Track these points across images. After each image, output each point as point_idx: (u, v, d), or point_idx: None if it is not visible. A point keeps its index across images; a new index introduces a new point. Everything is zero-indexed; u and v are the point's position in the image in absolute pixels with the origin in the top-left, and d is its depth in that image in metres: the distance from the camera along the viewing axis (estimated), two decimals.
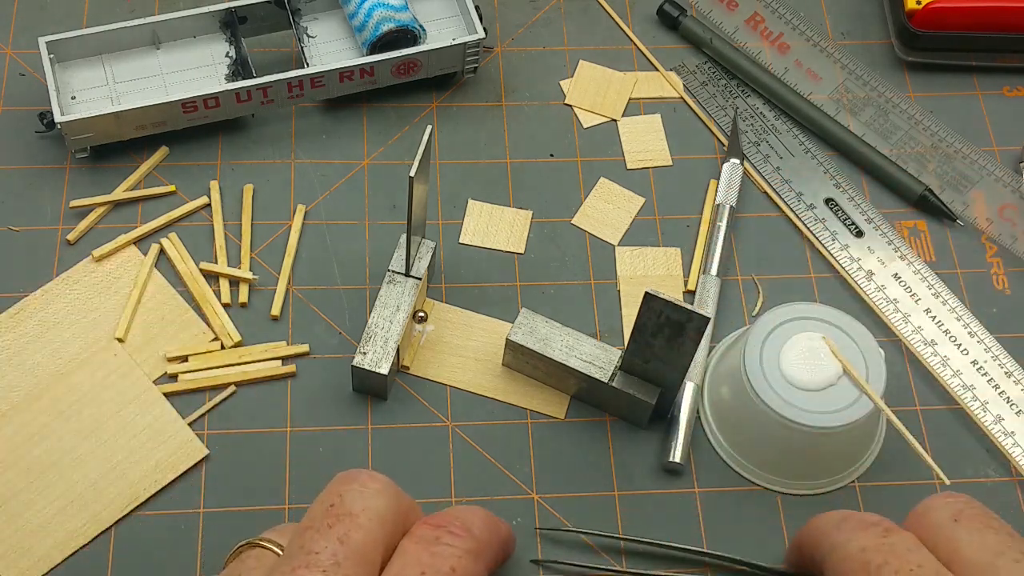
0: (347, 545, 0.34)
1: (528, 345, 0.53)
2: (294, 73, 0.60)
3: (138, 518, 0.52)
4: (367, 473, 0.38)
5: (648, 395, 0.53)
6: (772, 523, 0.53)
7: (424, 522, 0.39)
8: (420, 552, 0.36)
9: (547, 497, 0.53)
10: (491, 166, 0.62)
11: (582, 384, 0.54)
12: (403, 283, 0.55)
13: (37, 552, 0.50)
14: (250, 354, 0.56)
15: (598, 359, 0.54)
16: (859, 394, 0.50)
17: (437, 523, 0.38)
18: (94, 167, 0.60)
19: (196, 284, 0.57)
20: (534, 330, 0.54)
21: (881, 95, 0.65)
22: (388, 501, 0.38)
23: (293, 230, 0.59)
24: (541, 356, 0.54)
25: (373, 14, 0.61)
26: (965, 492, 0.55)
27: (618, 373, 0.53)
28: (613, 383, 0.53)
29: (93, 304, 0.56)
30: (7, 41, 0.64)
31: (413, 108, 0.64)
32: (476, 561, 0.37)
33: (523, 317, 0.54)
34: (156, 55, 0.62)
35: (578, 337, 0.54)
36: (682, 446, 0.54)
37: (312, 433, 0.54)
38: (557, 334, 0.54)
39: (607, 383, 0.53)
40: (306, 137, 0.62)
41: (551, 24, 0.68)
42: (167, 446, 0.53)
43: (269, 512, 0.52)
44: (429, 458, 0.54)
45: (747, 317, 0.59)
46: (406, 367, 0.56)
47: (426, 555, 0.36)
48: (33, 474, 0.52)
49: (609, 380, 0.53)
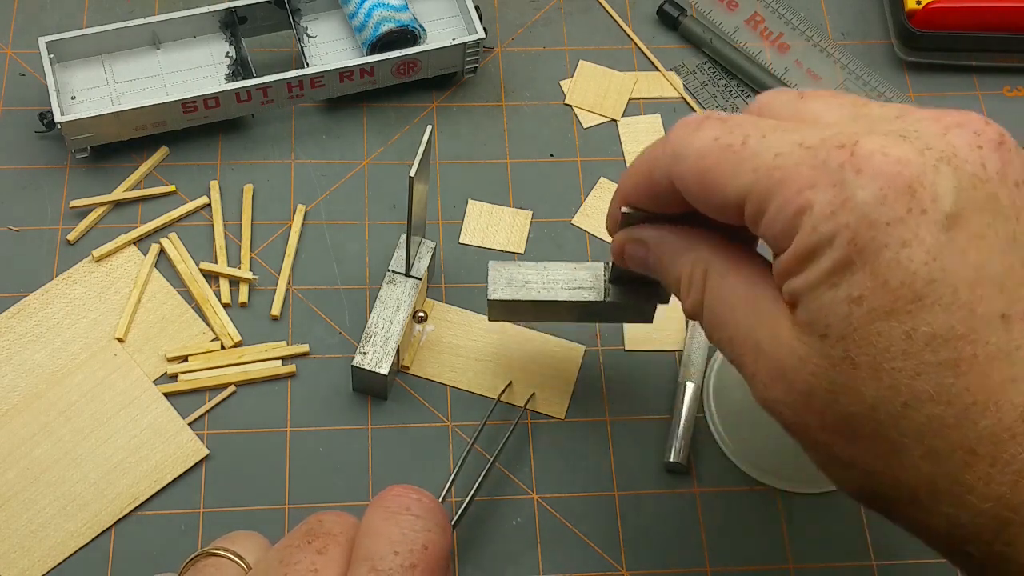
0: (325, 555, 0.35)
1: (511, 297, 0.51)
2: (294, 73, 0.60)
3: (138, 518, 0.52)
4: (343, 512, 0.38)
5: (648, 298, 0.51)
6: (772, 523, 0.53)
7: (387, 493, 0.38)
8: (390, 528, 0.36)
9: (547, 497, 0.53)
10: (491, 166, 0.62)
11: (578, 311, 0.52)
12: (403, 283, 0.55)
13: (37, 552, 0.50)
14: (250, 354, 0.56)
15: (585, 281, 0.51)
16: None
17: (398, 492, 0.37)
18: (94, 167, 0.60)
19: (196, 284, 0.57)
20: (511, 279, 0.51)
21: (881, 95, 0.65)
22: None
23: (293, 230, 0.59)
24: (527, 303, 0.51)
25: (373, 14, 0.61)
26: None
27: (610, 287, 0.51)
28: (608, 298, 0.51)
29: (93, 304, 0.56)
30: (7, 41, 0.64)
31: (413, 108, 0.64)
32: (445, 535, 0.37)
33: (494, 271, 0.51)
34: (156, 55, 0.62)
35: (556, 268, 0.52)
36: (682, 446, 0.54)
37: (312, 433, 0.54)
38: (534, 274, 0.51)
39: (604, 301, 0.51)
40: (306, 137, 0.62)
41: (551, 24, 0.68)
42: (167, 446, 0.53)
43: (269, 512, 0.52)
44: (429, 458, 0.54)
45: None
46: (406, 367, 0.56)
47: (396, 530, 0.35)
48: (33, 474, 0.52)
49: (604, 298, 0.51)
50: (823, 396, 0.35)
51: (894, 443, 0.34)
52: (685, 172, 0.39)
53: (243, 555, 0.36)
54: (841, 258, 0.34)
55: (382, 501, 0.36)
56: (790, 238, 0.35)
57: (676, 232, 0.42)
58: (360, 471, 0.53)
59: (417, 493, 0.36)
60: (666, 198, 0.41)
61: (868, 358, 0.33)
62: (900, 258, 0.33)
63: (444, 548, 0.36)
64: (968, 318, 0.33)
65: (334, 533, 0.35)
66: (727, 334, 0.39)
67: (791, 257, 0.35)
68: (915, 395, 0.33)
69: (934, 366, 0.33)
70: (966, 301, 0.33)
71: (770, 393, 0.37)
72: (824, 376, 0.35)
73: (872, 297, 0.33)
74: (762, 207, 0.36)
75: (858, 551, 0.53)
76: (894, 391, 0.33)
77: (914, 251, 0.33)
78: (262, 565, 0.35)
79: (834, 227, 0.34)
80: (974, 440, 0.33)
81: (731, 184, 0.37)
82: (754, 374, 0.38)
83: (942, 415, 0.33)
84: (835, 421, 0.35)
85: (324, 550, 0.35)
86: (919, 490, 0.34)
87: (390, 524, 0.35)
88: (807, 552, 0.53)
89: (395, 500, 0.36)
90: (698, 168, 0.38)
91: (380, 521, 0.35)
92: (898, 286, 0.33)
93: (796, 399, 0.36)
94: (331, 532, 0.35)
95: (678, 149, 0.39)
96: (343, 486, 0.53)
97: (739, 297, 0.39)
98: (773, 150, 0.36)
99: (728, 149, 0.37)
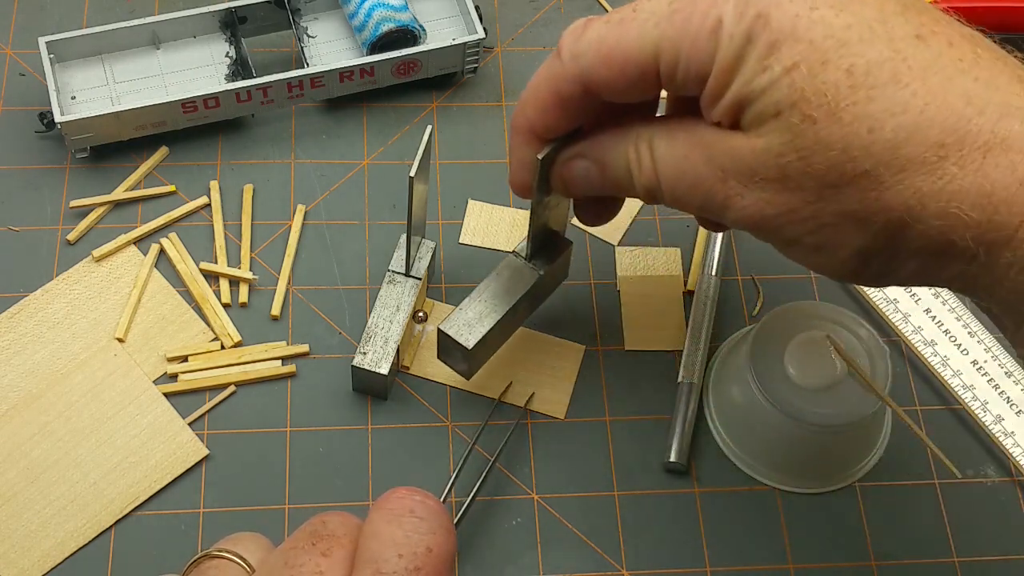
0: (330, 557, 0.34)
1: (482, 335, 0.52)
2: (294, 73, 0.60)
3: (138, 518, 0.52)
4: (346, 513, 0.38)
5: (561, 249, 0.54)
6: (772, 523, 0.53)
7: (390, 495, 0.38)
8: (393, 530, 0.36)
9: (547, 497, 0.53)
10: (491, 166, 0.62)
11: (529, 302, 0.54)
12: (403, 283, 0.55)
13: (37, 552, 0.50)
14: (250, 354, 0.56)
15: (516, 275, 0.53)
16: (865, 391, 0.50)
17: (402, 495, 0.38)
18: (94, 167, 0.60)
19: (196, 284, 0.57)
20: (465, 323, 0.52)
21: None
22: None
23: (293, 230, 0.59)
24: (496, 327, 0.52)
25: (373, 14, 0.61)
26: (965, 492, 0.55)
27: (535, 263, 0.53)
28: (543, 270, 0.53)
29: (93, 304, 0.56)
30: (7, 41, 0.64)
31: (413, 108, 0.64)
32: (449, 537, 0.37)
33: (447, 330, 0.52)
34: (156, 55, 0.62)
35: (484, 286, 0.53)
36: (682, 446, 0.54)
37: (312, 433, 0.54)
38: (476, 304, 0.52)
39: (543, 274, 0.53)
40: (306, 137, 0.62)
41: (551, 24, 0.68)
42: (167, 446, 0.53)
43: (269, 512, 0.52)
44: (429, 458, 0.54)
45: (747, 317, 0.59)
46: (406, 367, 0.56)
47: (400, 533, 0.35)
48: (33, 474, 0.52)
49: (541, 272, 0.53)
50: (797, 168, 0.38)
51: (873, 174, 0.37)
52: (591, 63, 0.42)
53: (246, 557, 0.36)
54: (766, 42, 0.38)
55: (386, 503, 0.36)
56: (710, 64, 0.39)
57: (606, 129, 0.45)
58: (360, 471, 0.53)
59: (421, 495, 0.36)
60: (577, 107, 0.44)
61: (824, 107, 0.37)
62: (814, 18, 0.37)
63: (448, 550, 0.36)
64: (889, 43, 0.37)
65: (338, 535, 0.35)
66: (688, 183, 0.42)
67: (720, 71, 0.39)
68: (874, 116, 0.37)
69: (879, 88, 0.37)
70: (882, 32, 0.37)
71: (748, 200, 0.40)
72: (791, 148, 0.38)
73: (805, 58, 0.37)
74: (676, 52, 0.40)
75: (858, 551, 0.53)
76: (856, 122, 0.37)
77: (823, 10, 0.37)
78: (266, 567, 0.35)
79: (748, 23, 0.38)
80: (938, 134, 0.36)
81: (639, 48, 0.40)
82: (727, 197, 0.41)
83: (903, 123, 0.37)
84: (815, 186, 0.38)
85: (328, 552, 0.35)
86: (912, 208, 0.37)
87: (394, 527, 0.35)
88: (807, 552, 0.53)
89: (399, 502, 0.36)
90: (602, 53, 0.41)
91: (384, 523, 0.35)
92: (822, 39, 0.37)
93: (774, 189, 0.39)
94: (335, 534, 0.35)
95: (576, 49, 0.43)
96: (343, 486, 0.53)
97: (689, 145, 0.42)
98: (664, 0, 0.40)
99: (622, 22, 0.41)
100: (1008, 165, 0.36)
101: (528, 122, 0.45)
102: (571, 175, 0.46)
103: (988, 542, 0.54)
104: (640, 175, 0.44)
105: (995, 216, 0.36)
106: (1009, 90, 0.37)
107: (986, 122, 0.36)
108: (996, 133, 0.36)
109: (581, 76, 0.42)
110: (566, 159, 0.46)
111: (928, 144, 0.36)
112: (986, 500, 0.55)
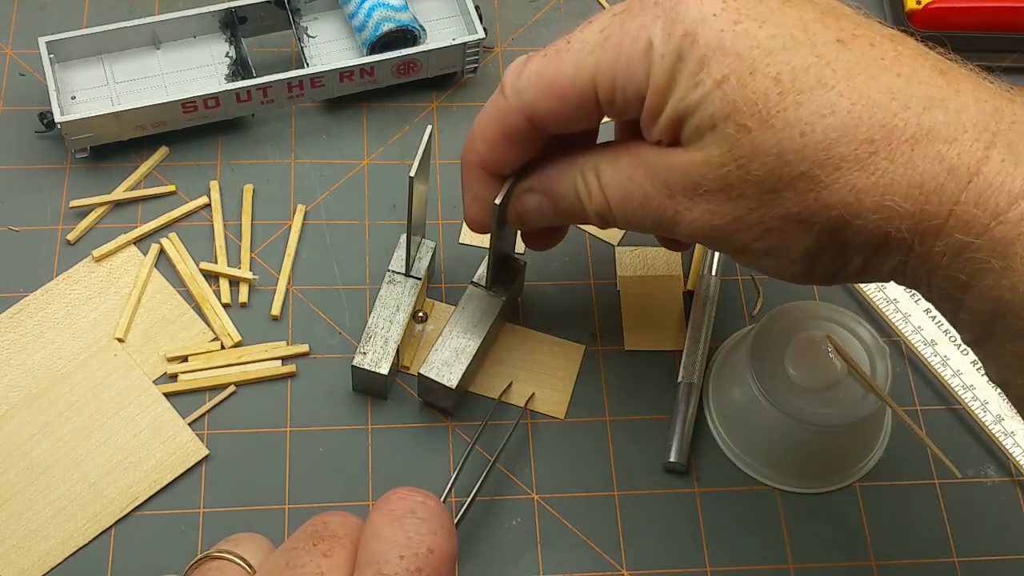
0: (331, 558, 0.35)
1: (462, 372, 0.53)
2: (294, 73, 0.60)
3: (138, 518, 0.52)
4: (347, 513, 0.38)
5: (516, 274, 0.55)
6: (772, 523, 0.53)
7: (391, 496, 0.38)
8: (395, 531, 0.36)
9: (547, 497, 0.53)
10: None
11: (499, 325, 0.55)
12: (403, 283, 0.55)
13: (37, 552, 0.50)
14: (250, 354, 0.56)
15: (482, 305, 0.54)
16: (865, 391, 0.50)
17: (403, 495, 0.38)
18: (94, 167, 0.60)
19: (196, 284, 0.57)
20: (445, 362, 0.53)
21: None
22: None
23: (293, 230, 0.59)
24: (475, 358, 0.53)
25: (373, 14, 0.61)
26: (965, 492, 0.55)
27: (496, 290, 0.55)
28: (505, 296, 0.55)
29: (93, 304, 0.56)
30: (7, 41, 0.64)
31: (413, 108, 0.64)
32: (451, 538, 0.37)
33: (428, 374, 0.53)
34: (156, 55, 0.62)
35: (456, 319, 0.54)
36: (682, 446, 0.54)
37: (312, 433, 0.54)
38: (457, 340, 0.53)
39: (505, 299, 0.55)
40: (306, 137, 0.62)
41: (551, 24, 0.68)
42: (167, 446, 0.53)
43: (269, 512, 0.52)
44: (429, 458, 0.54)
45: (747, 317, 0.59)
46: (406, 367, 0.56)
47: (401, 534, 0.35)
48: (33, 474, 0.52)
49: (505, 299, 0.55)
50: (737, 176, 0.40)
51: (809, 175, 0.38)
52: (534, 96, 0.44)
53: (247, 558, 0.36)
54: (695, 58, 0.39)
55: (387, 504, 0.36)
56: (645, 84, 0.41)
57: (553, 162, 0.47)
58: (360, 471, 0.53)
59: (422, 496, 0.36)
60: (525, 141, 0.46)
61: (756, 116, 0.38)
62: (739, 31, 0.39)
63: (449, 551, 0.36)
64: (812, 49, 0.39)
65: (339, 536, 0.35)
66: (637, 203, 0.43)
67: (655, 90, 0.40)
68: (804, 120, 0.38)
69: (807, 92, 0.38)
70: (804, 39, 0.39)
71: (696, 213, 0.41)
72: (730, 158, 0.39)
73: (734, 70, 0.39)
74: (612, 77, 0.41)
75: (858, 551, 0.53)
76: (788, 127, 0.38)
77: (746, 24, 0.39)
78: (267, 568, 0.35)
79: (677, 42, 0.39)
80: (867, 131, 0.38)
81: (578, 76, 0.42)
82: (676, 212, 0.42)
83: (833, 123, 0.38)
84: (756, 192, 0.40)
85: (330, 553, 0.35)
86: (849, 204, 0.38)
87: (395, 527, 0.35)
88: (807, 552, 0.53)
89: (400, 503, 0.36)
90: (541, 86, 0.43)
91: (385, 524, 0.35)
92: (748, 50, 0.39)
93: (718, 200, 0.41)
94: (336, 534, 0.35)
95: (518, 85, 0.44)
96: (343, 486, 0.53)
97: (633, 167, 0.43)
98: (596, 28, 0.42)
99: (558, 53, 0.43)
100: (935, 155, 0.37)
101: (478, 156, 0.47)
102: (524, 209, 0.48)
103: (988, 542, 0.54)
104: (590, 202, 0.45)
105: (926, 206, 0.38)
106: (931, 83, 0.39)
107: (911, 115, 0.38)
108: (921, 125, 0.38)
109: (524, 109, 0.44)
110: (519, 193, 0.48)
111: (858, 141, 0.38)
112: (986, 500, 0.55)
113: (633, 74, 0.41)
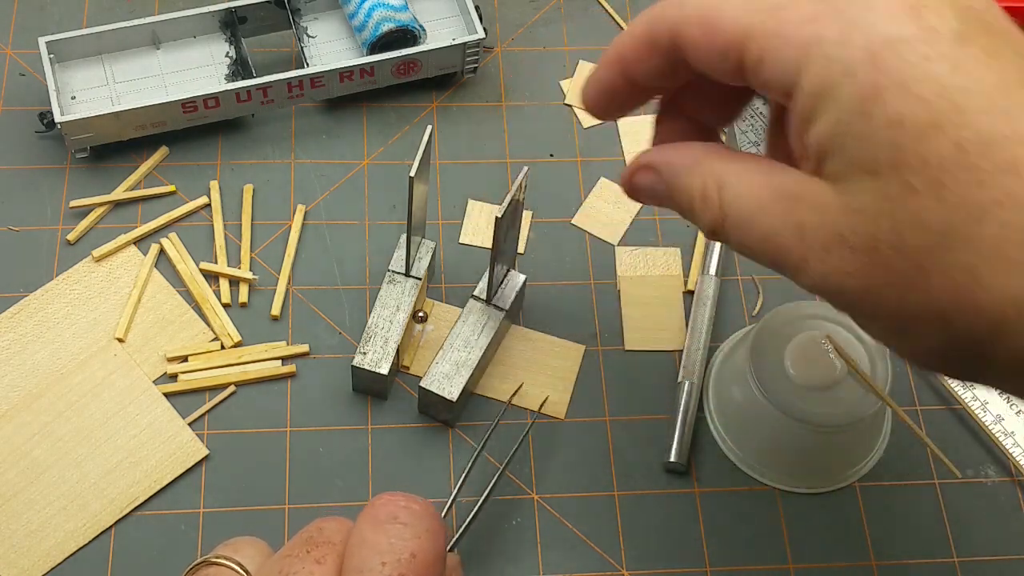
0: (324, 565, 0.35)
1: (463, 384, 0.53)
2: (294, 73, 0.60)
3: (138, 518, 0.52)
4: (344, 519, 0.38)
5: (518, 280, 0.56)
6: (772, 523, 0.53)
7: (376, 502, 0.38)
8: (378, 538, 0.36)
9: (547, 497, 0.53)
10: (491, 166, 0.62)
11: (500, 333, 0.56)
12: (403, 283, 0.55)
13: (37, 552, 0.50)
14: (250, 354, 0.56)
15: (483, 318, 0.54)
16: (865, 391, 0.50)
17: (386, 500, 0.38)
18: (94, 167, 0.60)
19: (196, 284, 0.57)
20: (447, 376, 0.53)
21: None
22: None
23: (293, 230, 0.59)
24: (475, 371, 0.54)
25: (373, 14, 0.61)
26: (965, 492, 0.55)
27: (497, 301, 0.55)
28: (508, 306, 0.55)
29: (93, 304, 0.56)
30: (7, 41, 0.64)
31: (413, 108, 0.64)
32: (436, 540, 0.37)
33: (429, 387, 0.53)
34: (156, 55, 0.62)
35: (458, 331, 0.54)
36: (682, 446, 0.54)
37: (312, 433, 0.54)
38: (457, 352, 0.54)
39: (507, 309, 0.55)
40: (306, 137, 0.62)
41: (551, 24, 0.68)
42: (167, 446, 0.53)
43: (269, 512, 0.52)
44: (429, 458, 0.54)
45: (747, 317, 0.59)
46: (406, 367, 0.56)
47: (384, 540, 0.35)
48: (33, 474, 0.52)
49: (506, 311, 0.55)
50: (888, 241, 0.33)
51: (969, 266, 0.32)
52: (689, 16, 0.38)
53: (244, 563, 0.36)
54: (867, 82, 0.32)
55: (371, 510, 0.36)
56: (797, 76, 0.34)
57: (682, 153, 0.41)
58: (360, 471, 0.53)
59: (406, 500, 0.36)
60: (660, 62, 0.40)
61: (927, 179, 0.32)
62: (928, 71, 0.32)
63: (434, 554, 0.36)
64: (1009, 120, 0.32)
65: (334, 542, 0.35)
66: (759, 233, 0.37)
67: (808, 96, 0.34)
68: (981, 206, 0.31)
69: (992, 172, 0.31)
70: (1002, 106, 0.32)
71: (829, 266, 0.35)
72: (886, 217, 0.33)
73: (914, 114, 0.32)
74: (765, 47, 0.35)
75: (858, 551, 0.53)
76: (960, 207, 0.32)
77: (938, 64, 0.32)
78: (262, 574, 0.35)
79: (850, 52, 0.33)
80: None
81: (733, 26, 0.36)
82: (804, 258, 0.35)
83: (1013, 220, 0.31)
84: (904, 265, 0.33)
85: (323, 559, 0.35)
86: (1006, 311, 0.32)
87: (378, 534, 0.35)
88: (807, 552, 0.53)
89: (383, 509, 0.36)
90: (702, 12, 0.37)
91: (368, 531, 0.35)
92: (935, 98, 0.32)
93: (860, 259, 0.34)
94: (331, 540, 0.35)
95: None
96: (343, 486, 0.53)
97: (765, 190, 0.37)
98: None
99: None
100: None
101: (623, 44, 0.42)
102: (638, 184, 0.43)
103: (988, 542, 0.54)
104: (705, 214, 0.39)
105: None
106: None
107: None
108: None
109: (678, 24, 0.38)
110: (638, 165, 0.43)
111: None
112: (986, 500, 0.55)
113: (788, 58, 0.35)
